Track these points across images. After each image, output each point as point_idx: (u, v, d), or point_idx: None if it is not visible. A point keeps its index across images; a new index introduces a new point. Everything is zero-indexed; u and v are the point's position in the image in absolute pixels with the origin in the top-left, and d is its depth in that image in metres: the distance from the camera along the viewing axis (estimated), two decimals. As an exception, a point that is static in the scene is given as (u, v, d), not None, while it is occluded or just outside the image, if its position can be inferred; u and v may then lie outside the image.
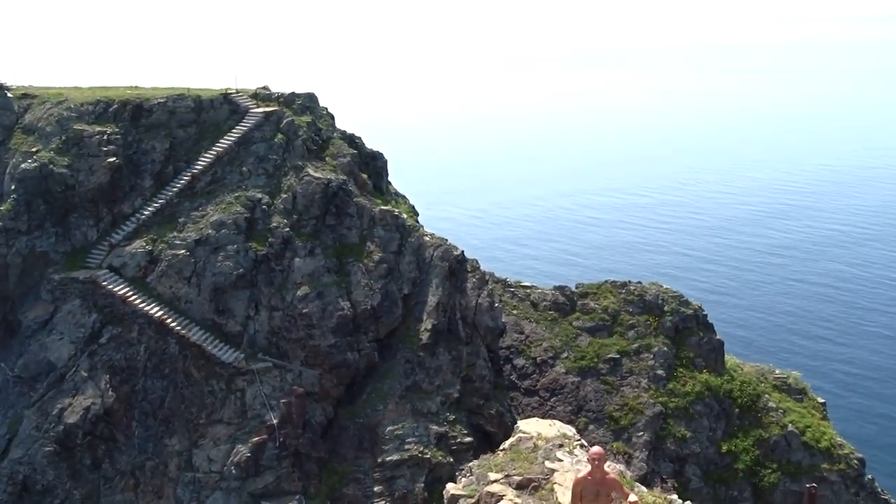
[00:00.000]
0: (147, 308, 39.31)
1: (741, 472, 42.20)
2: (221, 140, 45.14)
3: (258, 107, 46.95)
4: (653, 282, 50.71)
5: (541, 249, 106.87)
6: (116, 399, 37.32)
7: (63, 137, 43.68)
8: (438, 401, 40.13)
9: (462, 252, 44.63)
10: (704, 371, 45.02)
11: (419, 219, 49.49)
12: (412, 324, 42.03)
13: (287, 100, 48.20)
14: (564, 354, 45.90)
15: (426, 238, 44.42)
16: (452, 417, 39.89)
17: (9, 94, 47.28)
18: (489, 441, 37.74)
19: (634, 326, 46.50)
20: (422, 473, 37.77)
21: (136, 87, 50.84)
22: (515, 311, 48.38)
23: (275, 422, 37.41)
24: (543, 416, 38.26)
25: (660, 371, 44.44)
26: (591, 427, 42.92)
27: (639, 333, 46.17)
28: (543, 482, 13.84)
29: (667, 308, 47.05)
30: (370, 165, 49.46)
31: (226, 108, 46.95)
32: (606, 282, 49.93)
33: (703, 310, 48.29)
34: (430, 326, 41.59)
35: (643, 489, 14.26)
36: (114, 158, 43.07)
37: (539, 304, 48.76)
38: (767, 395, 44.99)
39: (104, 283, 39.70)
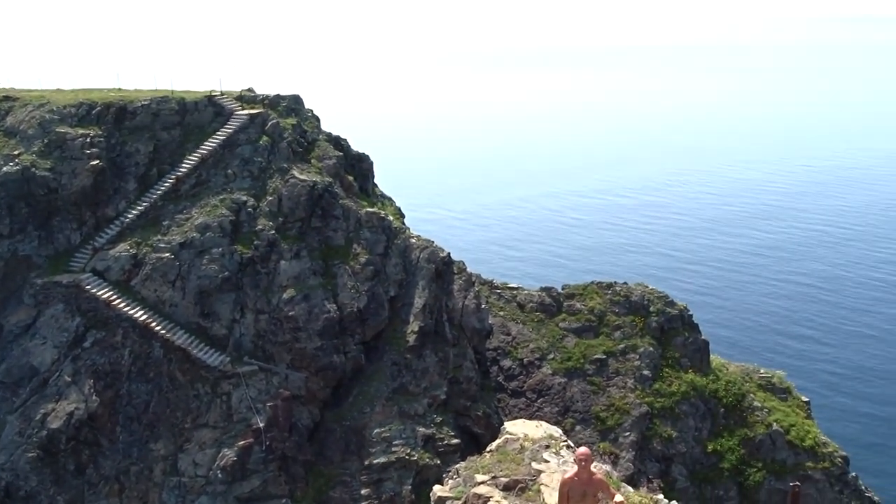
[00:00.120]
0: (131, 312, 39.02)
1: (727, 472, 42.46)
2: (206, 142, 44.91)
3: (243, 109, 46.77)
4: (638, 282, 50.97)
5: (526, 251, 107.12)
6: (100, 404, 37.01)
7: (45, 140, 43.30)
8: (425, 403, 40.10)
9: (448, 254, 44.65)
10: (690, 371, 45.29)
11: (405, 221, 49.47)
12: (399, 326, 41.99)
13: (272, 102, 48.04)
14: (551, 355, 46.01)
15: (413, 240, 44.40)
16: (439, 419, 39.87)
17: (-10, 97, 46.81)
18: (476, 443, 37.77)
19: (620, 327, 46.70)
20: (409, 476, 37.73)
21: (120, 90, 50.51)
22: (502, 313, 48.44)
23: (261, 425, 37.23)
24: (530, 418, 38.24)
25: (646, 371, 44.64)
26: (578, 428, 43.04)
27: (625, 334, 46.36)
28: (530, 483, 13.86)
29: (652, 308, 47.28)
30: (356, 167, 49.38)
31: (210, 111, 46.73)
32: (592, 283, 50.13)
33: (689, 310, 48.59)
34: (417, 328, 41.56)
35: (629, 489, 14.32)
36: (97, 161, 42.74)
37: (525, 306, 48.86)
38: (752, 395, 45.32)
39: (88, 287, 39.38)
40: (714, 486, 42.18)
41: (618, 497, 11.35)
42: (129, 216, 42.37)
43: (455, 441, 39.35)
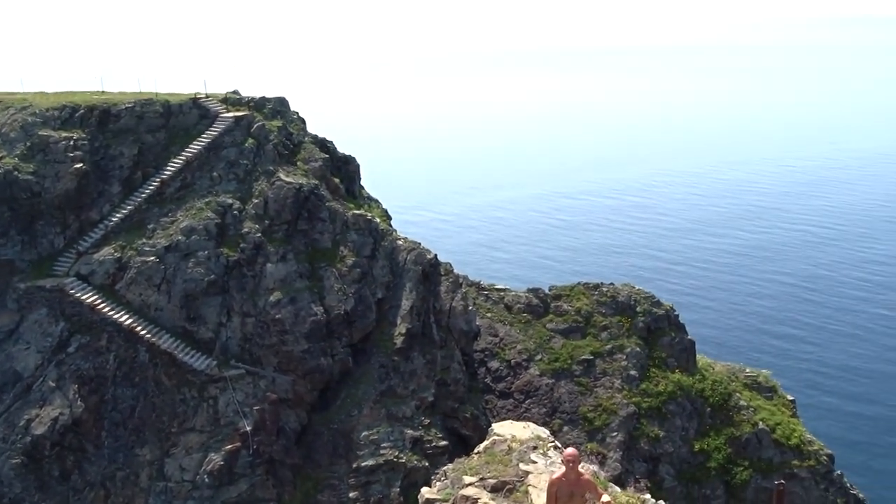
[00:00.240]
0: (116, 316, 38.75)
1: (714, 471, 42.69)
2: (191, 145, 44.69)
3: (228, 111, 46.57)
4: (625, 283, 51.16)
5: (513, 252, 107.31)
6: (85, 409, 36.71)
7: (28, 143, 42.92)
8: (413, 405, 40.07)
9: (435, 256, 44.65)
10: (677, 371, 45.50)
11: (392, 223, 49.42)
12: (386, 328, 41.94)
13: (258, 104, 47.89)
14: (538, 356, 46.09)
15: (399, 242, 44.36)
16: (427, 421, 39.85)
17: (-29, 100, 46.35)
18: (464, 444, 37.74)
19: (607, 328, 46.86)
20: (397, 478, 37.69)
21: (103, 92, 50.15)
22: (489, 314, 48.49)
23: (248, 429, 37.07)
24: (518, 419, 38.29)
25: (633, 371, 44.82)
26: (566, 428, 43.14)
27: (612, 334, 46.53)
28: (518, 484, 13.87)
29: (639, 309, 47.47)
30: (342, 169, 49.30)
31: (195, 113, 46.51)
32: (579, 284, 50.27)
33: (675, 310, 48.83)
34: (405, 330, 41.52)
35: (617, 489, 14.36)
36: (81, 164, 42.42)
37: (513, 307, 48.93)
38: (738, 394, 45.60)
39: (72, 291, 39.07)
40: (701, 486, 42.40)
41: (605, 497, 11.38)
42: (114, 220, 42.07)
43: (443, 443, 39.34)
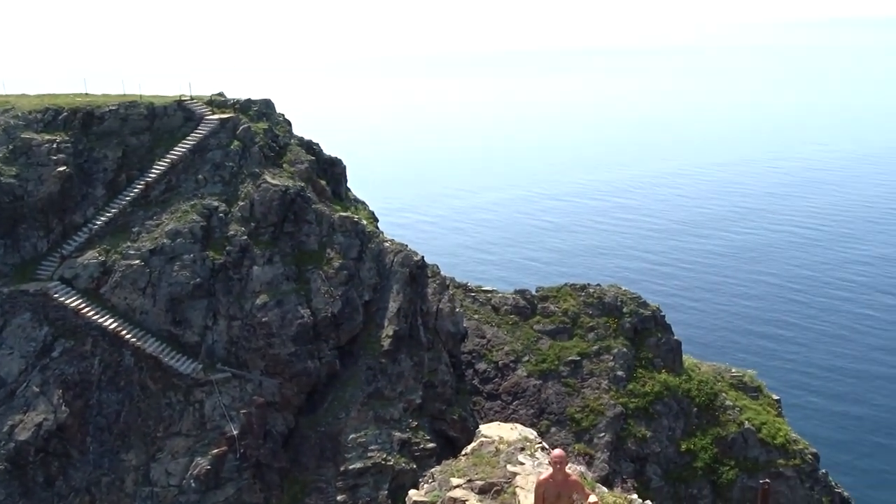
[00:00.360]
0: (101, 320, 38.45)
1: (700, 470, 42.89)
2: (176, 147, 44.45)
3: (213, 113, 46.37)
4: (612, 284, 51.32)
5: (500, 254, 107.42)
6: (70, 414, 36.39)
7: (10, 146, 42.53)
8: (401, 407, 40.01)
9: (422, 257, 44.63)
10: (663, 371, 45.69)
11: (379, 225, 49.35)
12: (373, 330, 41.86)
13: (243, 106, 47.71)
14: (526, 358, 46.16)
15: (386, 244, 44.31)
16: (415, 424, 39.80)
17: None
18: (452, 446, 37.71)
19: (594, 328, 47.00)
20: (385, 481, 37.61)
21: (87, 94, 49.78)
22: (476, 316, 48.50)
23: (235, 433, 36.89)
24: (506, 420, 38.38)
25: (620, 372, 44.97)
26: (554, 429, 43.21)
27: (598, 335, 46.67)
28: (506, 486, 13.87)
29: (625, 310, 47.65)
30: (328, 172, 49.20)
31: (180, 115, 46.27)
32: (566, 285, 50.38)
33: (661, 311, 49.01)
34: (392, 333, 41.47)
35: (604, 490, 14.40)
36: (64, 167, 42.09)
37: (500, 309, 48.97)
38: (724, 394, 45.85)
39: (55, 296, 38.74)
40: (688, 485, 42.59)
41: (592, 497, 11.42)
42: (98, 223, 41.77)
43: (431, 445, 39.30)
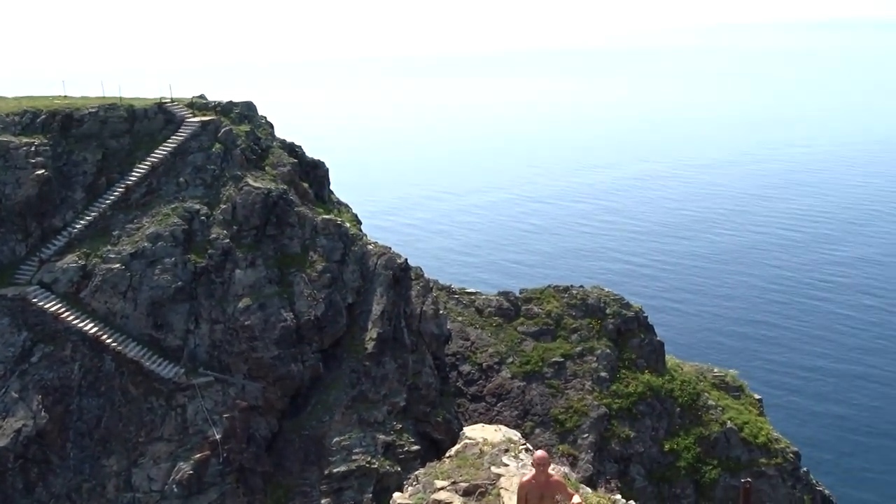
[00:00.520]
0: (81, 324, 38.05)
1: (683, 470, 43.15)
2: (156, 150, 44.10)
3: (194, 116, 46.04)
4: (595, 285, 51.53)
5: (483, 257, 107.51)
6: (50, 420, 35.95)
7: (-12, 149, 41.97)
8: (385, 410, 39.91)
9: (406, 260, 44.56)
10: (646, 372, 45.93)
11: (362, 227, 49.22)
12: (357, 333, 41.74)
13: (224, 109, 47.41)
14: (510, 359, 46.23)
15: (370, 247, 44.20)
16: (399, 426, 39.73)
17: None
18: (437, 449, 37.69)
19: (578, 330, 47.16)
20: (369, 484, 37.49)
21: (66, 97, 49.26)
22: (460, 318, 48.52)
23: (218, 437, 36.61)
24: (490, 422, 38.44)
25: (603, 373, 45.16)
26: (538, 430, 43.29)
27: (582, 336, 46.84)
28: (490, 488, 13.87)
29: (608, 311, 47.85)
30: (311, 174, 49.00)
31: (160, 118, 45.92)
32: (549, 286, 50.52)
33: (644, 312, 49.26)
34: (376, 335, 41.37)
35: (588, 490, 14.43)
36: (42, 171, 41.60)
37: (484, 311, 49.02)
38: (707, 394, 46.16)
39: (34, 300, 38.28)
40: (671, 485, 42.82)
41: (576, 498, 11.43)
42: (77, 226, 41.33)
43: (415, 447, 39.23)
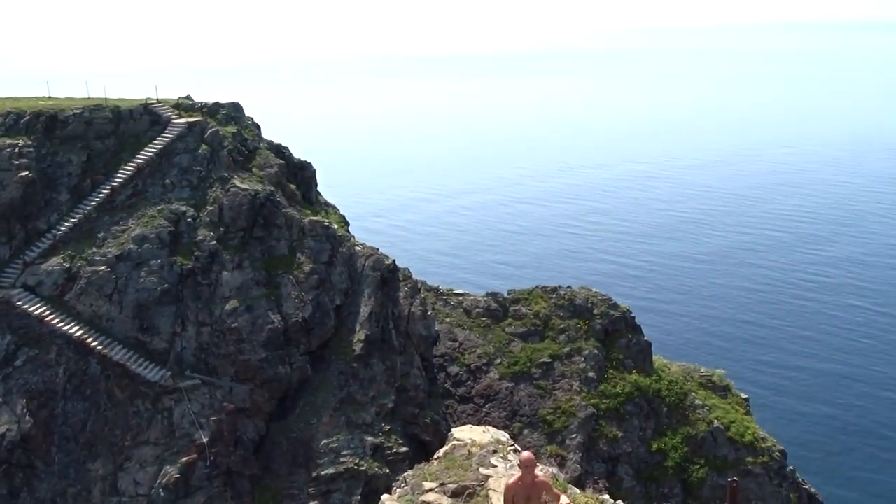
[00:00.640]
0: (66, 328, 37.73)
1: (671, 470, 43.32)
2: (142, 152, 43.82)
3: (181, 117, 45.80)
4: (582, 286, 51.65)
5: (470, 259, 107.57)
6: (34, 424, 35.63)
7: (-29, 151, 41.55)
8: (373, 412, 39.83)
9: (394, 261, 44.50)
10: (634, 372, 46.09)
11: (350, 229, 49.10)
12: (345, 335, 41.63)
13: (211, 110, 47.19)
14: (498, 360, 46.26)
15: (357, 248, 44.11)
16: (388, 428, 39.65)
17: None
18: (425, 450, 37.63)
19: (565, 330, 47.26)
20: (358, 486, 37.39)
21: (50, 98, 48.88)
22: (448, 319, 48.50)
23: (205, 440, 36.41)
24: (478, 423, 38.38)
25: (591, 373, 45.27)
26: (526, 431, 43.33)
27: (570, 337, 46.94)
28: (478, 489, 13.85)
29: (596, 311, 47.98)
30: (298, 175, 48.84)
31: (146, 119, 45.63)
32: (537, 287, 50.60)
33: (631, 312, 49.43)
34: (364, 337, 41.28)
35: (576, 490, 14.44)
36: (27, 172, 41.23)
37: (472, 312, 49.03)
38: (694, 394, 46.38)
39: (18, 303, 37.93)
40: (659, 485, 42.98)
41: (564, 499, 11.43)
42: (62, 229, 40.99)
43: (404, 449, 39.17)
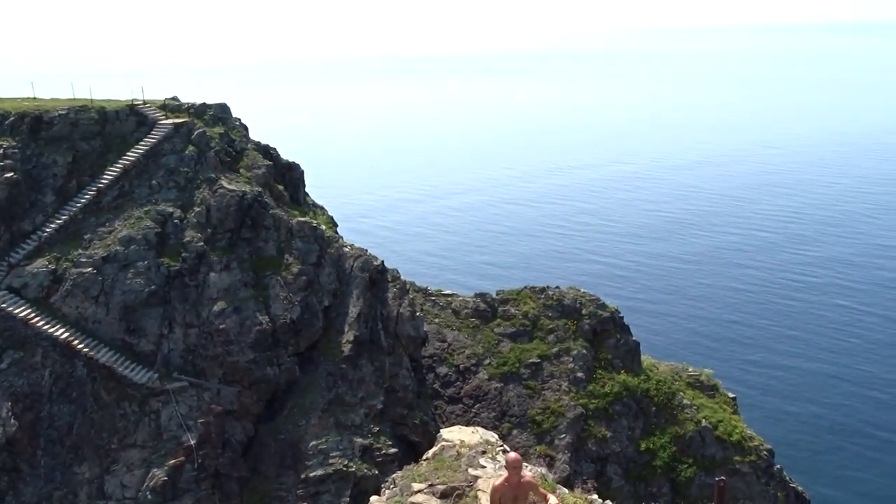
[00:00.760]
0: (51, 330, 37.43)
1: (659, 469, 43.48)
2: (128, 153, 43.55)
3: (167, 118, 45.55)
4: (571, 286, 51.75)
5: (459, 260, 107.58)
6: (19, 427, 35.32)
7: (-46, 152, 41.17)
8: (362, 413, 39.75)
9: (382, 262, 44.43)
10: (622, 372, 46.23)
11: (338, 230, 49.00)
12: (333, 336, 41.53)
13: (198, 111, 46.96)
14: (487, 361, 46.28)
15: (346, 249, 44.01)
16: (376, 429, 39.58)
17: None
18: (414, 451, 37.60)
19: (554, 331, 47.34)
20: (347, 487, 37.30)
21: (35, 99, 48.48)
22: (437, 320, 48.48)
23: (192, 442, 36.20)
24: (468, 423, 38.42)
25: (580, 373, 45.37)
26: (515, 432, 43.38)
27: (558, 337, 47.02)
28: (467, 490, 13.84)
29: (584, 311, 48.09)
30: (286, 176, 48.70)
31: (132, 120, 45.35)
32: (526, 288, 50.66)
33: (620, 312, 49.57)
34: (352, 338, 41.19)
35: (565, 491, 14.46)
36: (11, 174, 40.88)
37: (461, 312, 49.03)
38: (682, 393, 46.58)
39: (3, 305, 37.57)
40: (648, 484, 43.13)
41: (553, 499, 11.44)
42: (48, 230, 40.67)
43: (393, 450, 39.12)
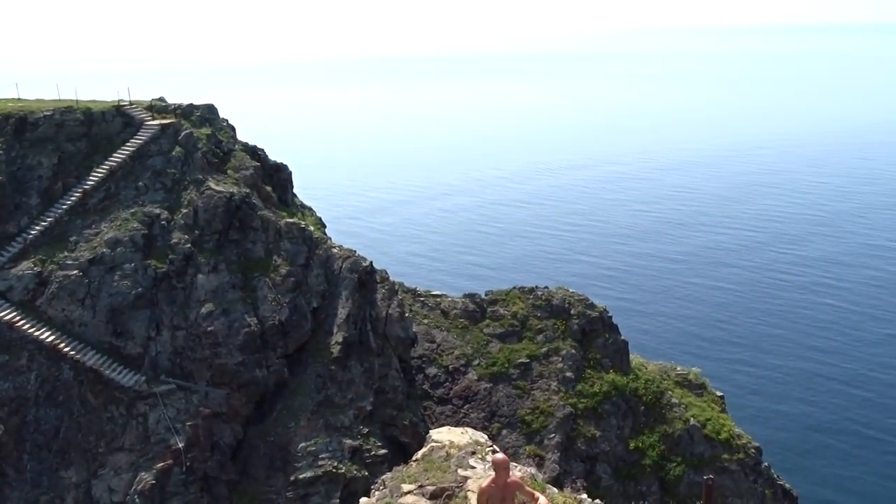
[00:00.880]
0: (37, 333, 37.12)
1: (648, 468, 43.63)
2: (115, 154, 43.27)
3: (154, 119, 45.29)
4: (559, 286, 51.85)
5: (447, 261, 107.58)
6: (5, 432, 35.03)
7: (-62, 154, 40.77)
8: (351, 414, 39.66)
9: (371, 263, 44.35)
10: (611, 371, 46.36)
11: (326, 231, 48.86)
12: (322, 337, 41.41)
13: (185, 111, 46.71)
14: (476, 361, 46.29)
15: (334, 250, 43.90)
16: (366, 430, 39.50)
17: None
18: (404, 452, 37.56)
19: (543, 331, 47.41)
20: (336, 489, 37.21)
21: (19, 100, 48.09)
22: (426, 321, 48.43)
23: (181, 445, 36.01)
24: (457, 424, 38.43)
25: (569, 373, 45.46)
26: (505, 432, 43.40)
27: (547, 337, 47.10)
28: (457, 490, 13.83)
29: (573, 311, 48.19)
30: (274, 177, 48.53)
31: (119, 121, 45.06)
32: (515, 288, 50.70)
33: (608, 312, 49.71)
34: (341, 339, 41.09)
35: (554, 490, 14.47)
36: (-4, 175, 40.54)
37: (449, 313, 49.01)
38: (670, 392, 46.76)
39: (-12, 309, 37.24)
40: (637, 483, 43.27)
41: (542, 499, 11.44)
42: (33, 232, 40.33)
43: (382, 451, 39.05)
